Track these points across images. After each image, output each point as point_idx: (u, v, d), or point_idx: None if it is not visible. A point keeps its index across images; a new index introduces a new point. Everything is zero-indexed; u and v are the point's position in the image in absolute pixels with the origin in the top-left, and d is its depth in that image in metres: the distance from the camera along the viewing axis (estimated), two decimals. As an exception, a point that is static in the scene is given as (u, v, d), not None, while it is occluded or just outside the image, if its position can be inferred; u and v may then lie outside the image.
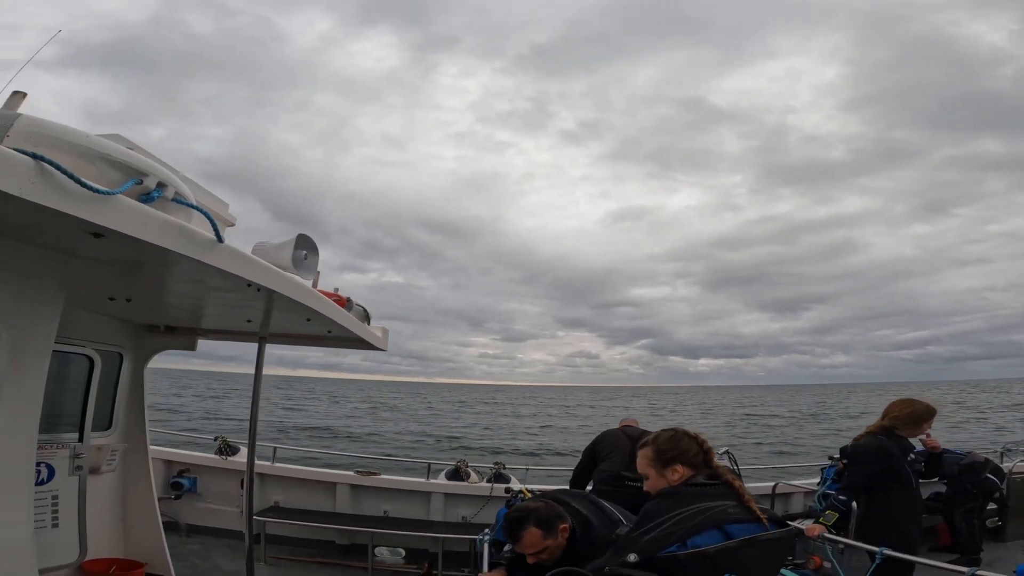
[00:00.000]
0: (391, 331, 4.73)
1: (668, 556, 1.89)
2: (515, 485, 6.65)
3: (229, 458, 7.18)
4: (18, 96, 1.92)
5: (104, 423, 4.70)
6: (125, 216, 1.81)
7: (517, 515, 2.66)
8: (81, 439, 4.41)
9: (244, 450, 7.33)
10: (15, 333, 2.49)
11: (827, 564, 4.65)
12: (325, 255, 3.67)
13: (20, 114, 1.59)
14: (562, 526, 2.62)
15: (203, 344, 5.11)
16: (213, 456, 7.26)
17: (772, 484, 7.34)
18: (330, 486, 7.12)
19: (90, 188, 1.65)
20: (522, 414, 57.54)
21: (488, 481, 7.18)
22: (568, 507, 2.76)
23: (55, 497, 4.21)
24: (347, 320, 3.67)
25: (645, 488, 2.33)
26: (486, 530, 4.63)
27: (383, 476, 7.33)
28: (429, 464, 7.72)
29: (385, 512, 6.97)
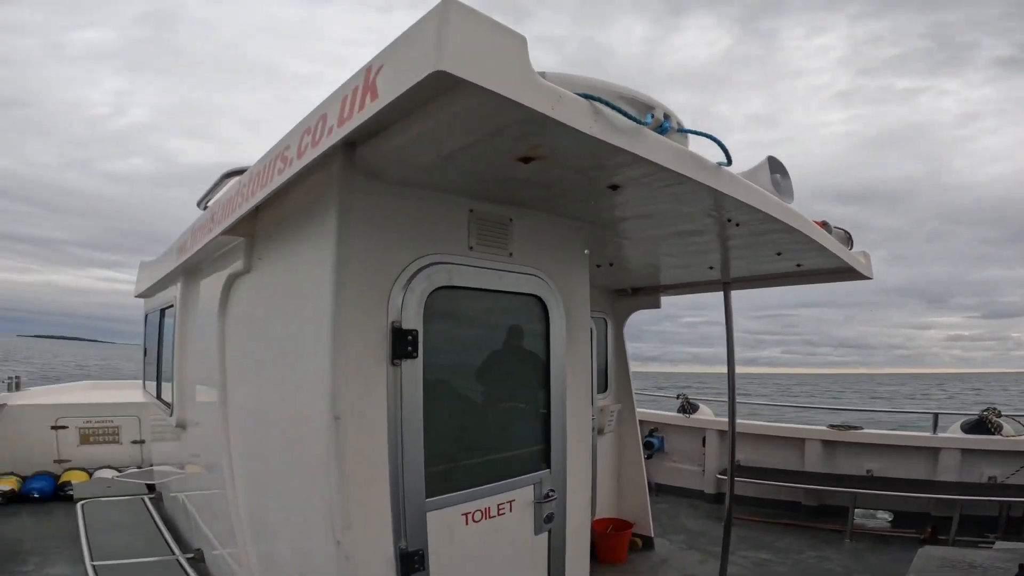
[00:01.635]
0: (815, 318, 4.07)
1: None
2: None
3: (691, 416, 7.41)
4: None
5: (602, 385, 5.35)
6: (654, 147, 1.86)
7: None
8: (591, 401, 5.10)
9: (703, 407, 7.51)
10: (566, 299, 2.83)
11: None
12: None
13: (545, 71, 1.76)
14: None
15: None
16: (676, 414, 7.58)
17: None
18: (798, 443, 6.69)
19: (636, 120, 1.75)
20: None
21: None
22: None
23: None
24: (834, 246, 3.24)
25: None
26: None
27: (866, 431, 6.50)
28: (936, 415, 6.45)
29: (868, 471, 6.23)
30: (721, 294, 4.26)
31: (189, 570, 4.03)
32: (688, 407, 7.53)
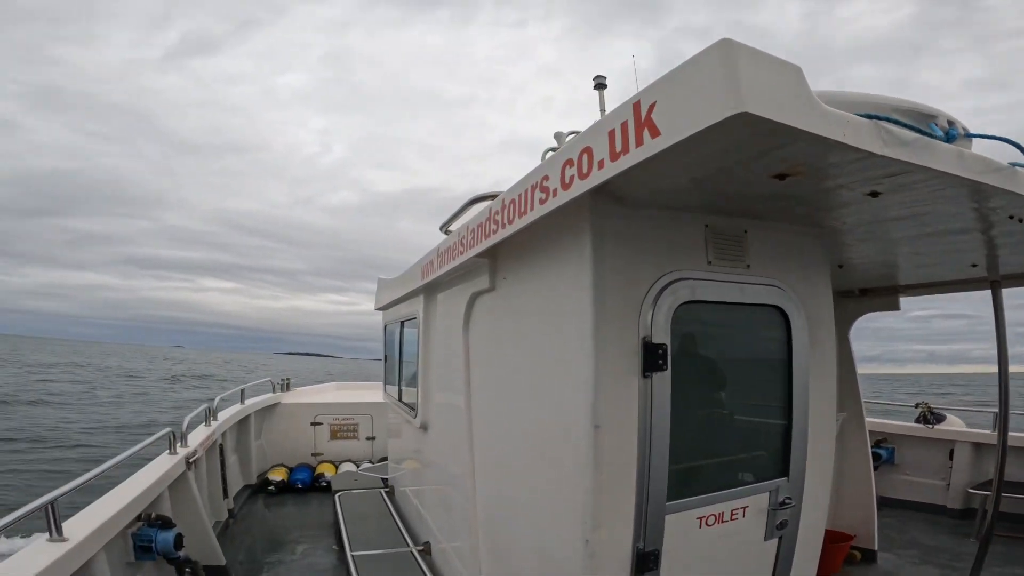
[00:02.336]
0: None
1: None
2: None
3: (935, 427, 6.65)
4: None
5: None
6: (944, 158, 1.74)
7: None
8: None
9: (950, 417, 6.63)
10: (807, 307, 2.73)
11: None
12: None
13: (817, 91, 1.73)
14: None
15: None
16: (914, 424, 6.86)
17: None
18: None
19: (925, 133, 1.61)
20: None
21: None
22: None
23: None
24: None
25: None
26: None
27: None
28: None
29: None
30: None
31: (420, 562, 4.43)
32: (931, 417, 6.65)
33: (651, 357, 2.21)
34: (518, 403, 2.88)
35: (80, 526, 3.34)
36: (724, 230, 2.50)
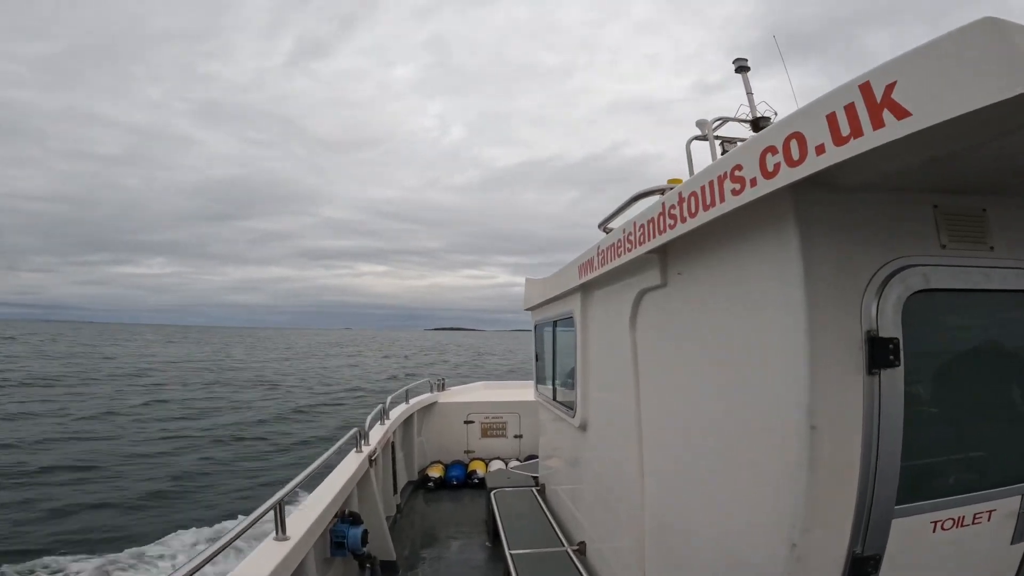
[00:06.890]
0: None
1: None
2: None
3: None
4: None
5: None
6: None
7: None
8: None
9: None
10: None
11: None
12: None
13: None
14: None
15: None
16: None
17: None
18: None
19: None
20: None
21: None
22: None
23: None
24: None
25: None
26: None
27: None
28: None
29: None
30: None
31: (576, 562, 4.34)
32: None
33: (879, 353, 2.01)
34: (701, 402, 2.75)
35: (296, 525, 3.71)
36: (956, 209, 2.20)
